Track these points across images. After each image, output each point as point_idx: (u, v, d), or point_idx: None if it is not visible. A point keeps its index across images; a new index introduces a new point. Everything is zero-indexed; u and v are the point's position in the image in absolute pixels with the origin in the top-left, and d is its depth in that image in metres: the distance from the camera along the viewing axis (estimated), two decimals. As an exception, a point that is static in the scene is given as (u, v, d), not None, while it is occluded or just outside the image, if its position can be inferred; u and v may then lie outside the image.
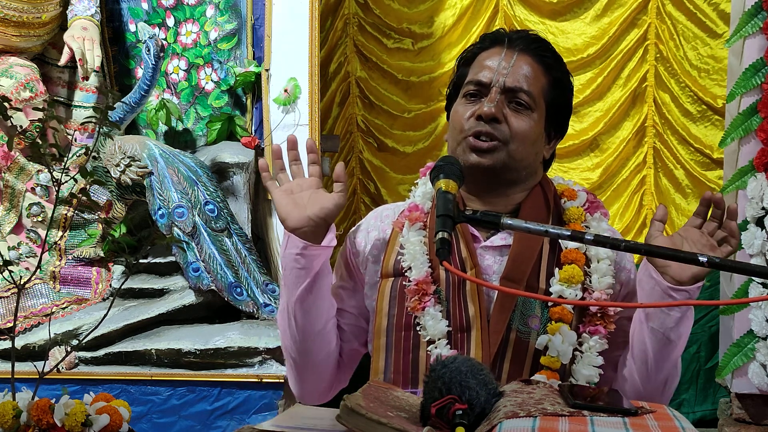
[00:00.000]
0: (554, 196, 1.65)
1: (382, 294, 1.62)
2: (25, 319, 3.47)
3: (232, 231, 3.47)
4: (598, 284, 1.55)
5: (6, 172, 3.52)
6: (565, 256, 1.57)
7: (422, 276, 1.56)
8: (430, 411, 1.15)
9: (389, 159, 4.81)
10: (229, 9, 3.72)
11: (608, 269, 1.57)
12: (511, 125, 1.57)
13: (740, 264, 1.25)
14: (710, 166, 4.42)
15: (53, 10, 3.58)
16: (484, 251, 1.59)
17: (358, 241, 1.72)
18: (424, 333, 1.54)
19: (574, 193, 1.66)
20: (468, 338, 1.52)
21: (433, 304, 1.55)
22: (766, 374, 3.52)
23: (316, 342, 1.63)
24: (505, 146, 1.57)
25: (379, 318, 1.61)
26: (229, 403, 3.35)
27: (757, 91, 3.57)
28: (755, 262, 3.50)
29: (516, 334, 1.52)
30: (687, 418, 1.16)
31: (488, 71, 1.61)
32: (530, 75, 1.60)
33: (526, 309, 1.53)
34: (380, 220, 1.73)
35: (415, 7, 4.70)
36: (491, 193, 1.62)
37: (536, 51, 1.64)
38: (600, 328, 1.53)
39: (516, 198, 1.63)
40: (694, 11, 4.40)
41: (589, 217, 1.63)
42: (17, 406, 1.51)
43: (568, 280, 1.54)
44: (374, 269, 1.66)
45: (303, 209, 1.59)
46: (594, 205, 1.65)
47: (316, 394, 1.71)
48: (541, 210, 1.61)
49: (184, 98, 3.78)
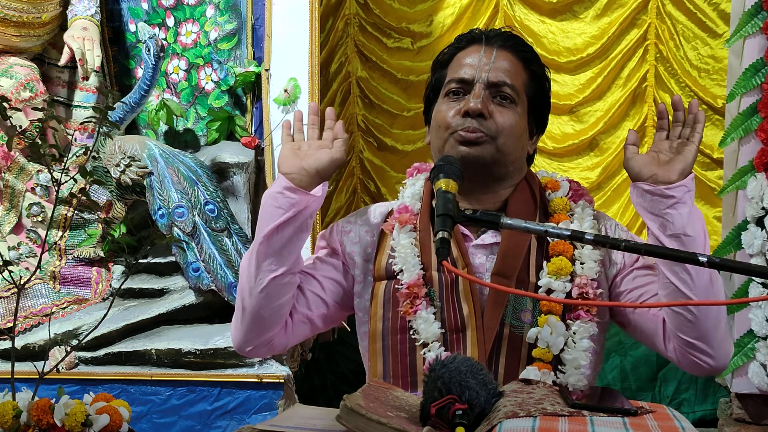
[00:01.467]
0: (539, 189, 1.66)
1: (375, 297, 1.61)
2: (25, 319, 3.47)
3: (232, 231, 3.47)
4: (582, 270, 1.56)
5: (6, 172, 3.52)
6: (553, 248, 1.58)
7: (413, 279, 1.56)
8: (430, 411, 1.15)
9: (389, 158, 4.81)
10: (229, 9, 3.72)
11: (592, 253, 1.57)
12: (497, 120, 1.58)
13: (740, 264, 1.25)
14: (710, 166, 4.42)
15: (53, 10, 3.58)
16: (476, 249, 1.60)
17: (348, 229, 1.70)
18: (417, 336, 1.55)
19: (557, 184, 1.67)
20: (463, 338, 1.53)
21: (425, 307, 1.55)
22: (766, 374, 3.52)
23: (270, 288, 1.58)
24: (493, 141, 1.58)
25: (373, 321, 1.61)
26: (229, 403, 3.35)
27: (757, 91, 3.57)
28: (755, 262, 3.49)
29: (510, 329, 1.53)
30: (687, 418, 1.16)
31: (469, 68, 1.62)
32: (511, 69, 1.62)
33: (518, 303, 1.54)
34: (372, 217, 1.71)
35: (415, 6, 4.70)
36: (480, 189, 1.62)
37: (514, 47, 1.65)
38: (581, 313, 1.53)
39: (503, 194, 1.64)
40: (694, 11, 4.40)
41: (573, 205, 1.64)
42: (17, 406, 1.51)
43: (557, 273, 1.55)
44: (365, 267, 1.66)
45: (299, 159, 1.60)
46: (578, 193, 1.66)
47: (253, 345, 1.64)
48: (528, 204, 1.62)
49: (184, 98, 3.78)
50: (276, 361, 3.34)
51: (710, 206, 4.45)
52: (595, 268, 1.57)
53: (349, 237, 1.69)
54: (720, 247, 3.71)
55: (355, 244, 1.68)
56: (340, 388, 4.36)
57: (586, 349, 1.52)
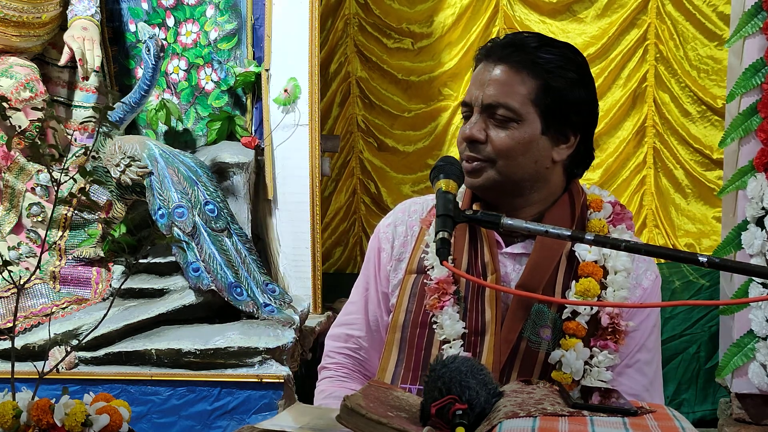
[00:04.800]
0: (582, 207, 1.61)
1: (403, 289, 1.62)
2: (25, 319, 3.47)
3: (232, 231, 3.47)
4: (612, 297, 1.53)
5: (6, 172, 3.52)
6: (582, 269, 1.54)
7: (443, 275, 1.56)
8: (430, 411, 1.15)
9: (389, 159, 4.81)
10: (229, 9, 3.72)
11: (624, 281, 1.54)
12: (493, 143, 1.53)
13: (740, 264, 1.25)
14: (710, 166, 4.43)
15: (53, 10, 3.58)
16: (504, 258, 1.58)
17: (386, 236, 1.71)
18: (440, 332, 1.54)
19: (601, 205, 1.62)
20: (481, 342, 1.52)
21: (451, 304, 1.54)
22: (766, 374, 3.52)
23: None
24: (492, 165, 1.54)
25: (397, 312, 1.61)
26: (229, 403, 3.34)
27: (757, 91, 3.57)
28: (755, 262, 3.50)
29: (526, 344, 1.51)
30: (687, 418, 1.16)
31: (472, 90, 1.58)
32: (507, 85, 1.53)
33: (539, 319, 1.52)
34: (408, 215, 1.71)
35: (415, 7, 4.70)
36: (508, 208, 1.57)
37: (511, 57, 1.54)
38: (610, 343, 1.51)
39: (535, 208, 1.59)
40: (694, 12, 4.40)
41: (611, 229, 1.60)
42: (17, 406, 1.51)
43: (584, 293, 1.52)
44: (398, 266, 1.66)
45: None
46: (619, 217, 1.61)
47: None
48: (565, 221, 1.57)
49: (184, 98, 3.78)
50: (276, 361, 3.34)
51: (710, 206, 4.46)
52: (625, 297, 1.53)
53: (387, 238, 1.70)
54: (720, 247, 3.71)
55: (391, 244, 1.68)
56: (340, 388, 4.35)
57: (608, 381, 1.51)
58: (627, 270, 1.55)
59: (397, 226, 1.70)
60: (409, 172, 4.78)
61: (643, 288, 1.58)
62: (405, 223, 1.70)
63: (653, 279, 1.60)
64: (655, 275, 1.61)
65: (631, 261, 1.56)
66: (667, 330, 4.27)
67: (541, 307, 1.52)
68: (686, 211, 4.50)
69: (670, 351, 4.27)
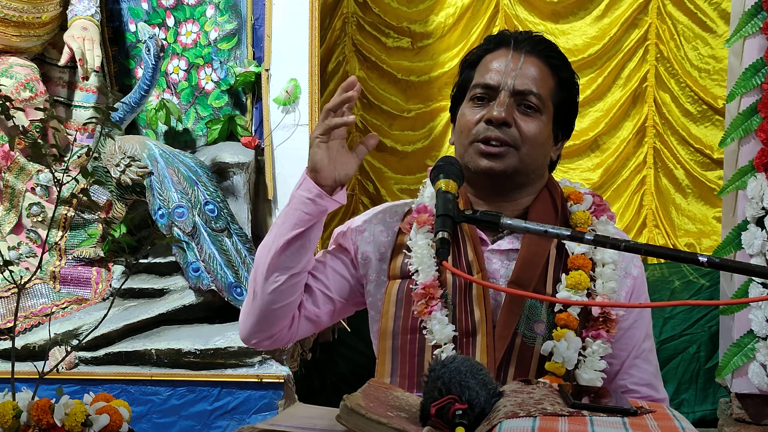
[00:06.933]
0: (561, 200, 1.64)
1: (388, 296, 1.61)
2: (25, 319, 3.47)
3: (232, 231, 3.47)
4: (601, 288, 1.55)
5: (6, 172, 3.52)
6: (572, 262, 1.56)
7: (429, 280, 1.55)
8: (430, 411, 1.15)
9: (388, 159, 4.81)
10: (229, 9, 3.72)
11: (612, 274, 1.56)
12: (521, 129, 1.56)
13: (740, 264, 1.25)
14: (710, 166, 4.43)
15: (53, 10, 3.58)
16: (491, 255, 1.58)
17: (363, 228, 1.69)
18: (430, 337, 1.54)
19: (581, 196, 1.64)
20: (473, 343, 1.52)
21: (439, 308, 1.54)
22: (766, 374, 3.52)
23: (283, 285, 1.60)
24: (517, 150, 1.56)
25: (385, 320, 1.60)
26: (229, 403, 3.35)
27: (757, 91, 3.57)
28: (755, 262, 3.50)
29: (522, 339, 1.51)
30: (687, 418, 1.16)
31: (495, 74, 1.59)
32: (538, 77, 1.59)
33: (532, 314, 1.53)
34: (389, 216, 1.70)
35: (414, 6, 4.70)
36: (500, 197, 1.60)
37: (543, 52, 1.62)
38: (602, 332, 1.52)
39: (523, 202, 1.61)
40: (695, 11, 4.40)
41: (595, 221, 1.62)
42: (17, 406, 1.51)
43: (575, 286, 1.53)
44: (379, 267, 1.65)
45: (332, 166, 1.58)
46: (600, 208, 1.64)
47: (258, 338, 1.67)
48: (549, 214, 1.60)
49: (184, 98, 3.78)
50: (276, 361, 3.34)
51: (710, 206, 4.46)
52: (613, 288, 1.56)
53: (363, 236, 1.68)
54: (720, 247, 3.71)
55: (369, 244, 1.67)
56: (340, 388, 4.36)
57: (602, 370, 1.52)
58: (615, 262, 1.58)
59: (376, 225, 1.68)
60: (407, 172, 4.77)
61: (633, 277, 1.61)
62: (385, 223, 1.68)
63: (640, 266, 1.64)
64: (640, 261, 1.65)
65: (618, 253, 1.58)
66: (667, 330, 4.27)
67: (533, 301, 1.53)
68: (686, 211, 4.50)
69: (670, 351, 4.26)
